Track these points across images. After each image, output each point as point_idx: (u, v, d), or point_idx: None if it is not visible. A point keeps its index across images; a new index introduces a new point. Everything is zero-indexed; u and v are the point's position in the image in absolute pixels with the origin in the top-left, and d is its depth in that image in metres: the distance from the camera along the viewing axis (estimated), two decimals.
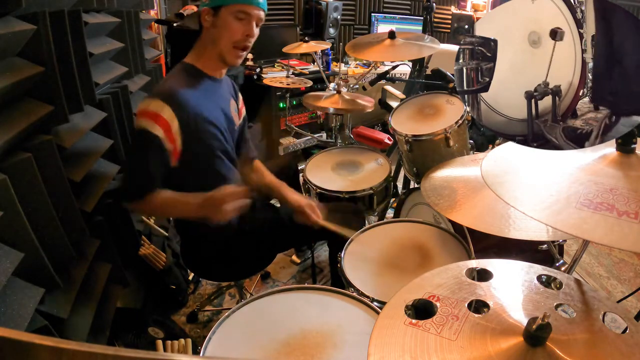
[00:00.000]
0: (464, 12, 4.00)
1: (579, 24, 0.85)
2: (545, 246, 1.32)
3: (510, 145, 0.93)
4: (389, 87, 2.47)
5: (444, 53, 1.97)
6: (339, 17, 3.57)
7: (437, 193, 1.19)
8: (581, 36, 0.85)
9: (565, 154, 0.82)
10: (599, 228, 0.65)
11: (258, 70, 3.17)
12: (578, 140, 0.84)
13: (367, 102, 2.08)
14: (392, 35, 1.87)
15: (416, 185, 1.97)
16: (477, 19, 3.71)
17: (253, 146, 1.64)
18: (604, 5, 0.81)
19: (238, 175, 1.50)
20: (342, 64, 3.71)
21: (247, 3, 1.23)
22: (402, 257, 1.33)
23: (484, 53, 0.99)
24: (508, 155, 0.92)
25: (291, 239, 1.59)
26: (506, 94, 0.97)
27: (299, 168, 2.00)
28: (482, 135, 2.49)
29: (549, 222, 0.69)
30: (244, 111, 1.58)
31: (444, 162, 1.42)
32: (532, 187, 0.80)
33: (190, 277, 2.09)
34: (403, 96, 2.17)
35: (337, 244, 1.40)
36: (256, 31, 1.29)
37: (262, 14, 1.28)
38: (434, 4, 2.70)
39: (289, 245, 1.83)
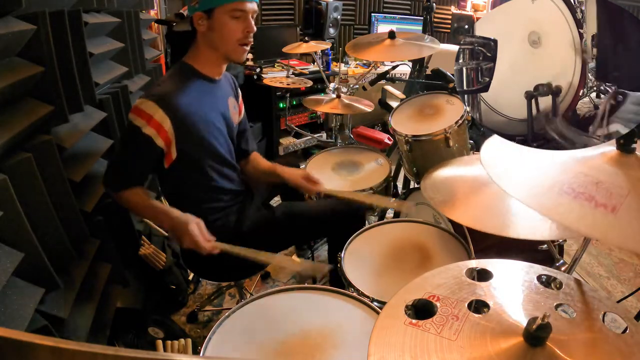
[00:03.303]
0: (464, 12, 4.00)
1: (579, 24, 0.85)
2: (545, 246, 1.32)
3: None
4: (389, 87, 2.47)
5: (444, 53, 1.96)
6: (339, 17, 3.56)
7: (437, 192, 1.19)
8: (581, 36, 0.85)
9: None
10: (572, 213, 0.66)
11: (258, 70, 3.17)
12: (581, 124, 0.84)
13: (367, 107, 2.08)
14: (392, 35, 1.87)
15: (416, 185, 1.97)
16: (477, 19, 3.71)
17: (252, 140, 1.66)
18: (606, 6, 0.81)
19: (238, 172, 1.51)
20: (342, 64, 3.71)
21: (240, 0, 1.22)
22: (402, 257, 1.33)
23: (484, 53, 0.99)
24: (510, 143, 0.92)
25: (290, 237, 1.59)
26: (506, 94, 0.97)
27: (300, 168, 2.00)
28: (482, 135, 2.49)
29: (525, 200, 0.71)
30: (243, 108, 1.59)
31: (445, 162, 1.42)
32: (523, 170, 0.82)
33: (190, 277, 2.09)
34: (403, 96, 2.17)
35: (337, 243, 1.40)
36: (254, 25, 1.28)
37: (255, 6, 1.27)
38: (434, 4, 2.70)
39: (289, 243, 1.83)
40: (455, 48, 1.24)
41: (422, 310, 0.73)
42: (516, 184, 0.77)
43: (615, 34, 0.82)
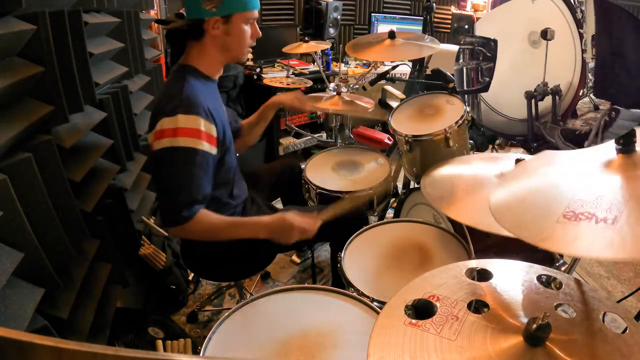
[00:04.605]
0: (464, 12, 4.00)
1: (579, 24, 0.85)
2: None
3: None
4: (389, 87, 2.47)
5: (444, 53, 1.96)
6: (339, 17, 3.57)
7: (436, 189, 1.19)
8: (581, 36, 0.85)
9: (571, 159, 0.82)
10: (568, 236, 0.65)
11: (258, 70, 3.17)
12: (577, 141, 0.84)
13: (367, 104, 2.08)
14: (392, 35, 1.87)
15: (416, 185, 1.97)
16: (477, 19, 3.71)
17: (235, 114, 1.70)
18: (604, 5, 0.81)
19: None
20: (342, 64, 3.71)
21: (255, 8, 1.29)
22: (402, 257, 1.33)
23: (484, 53, 0.99)
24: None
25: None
26: (506, 94, 0.98)
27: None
28: (482, 135, 2.49)
29: (517, 233, 0.70)
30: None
31: (445, 161, 1.41)
32: (522, 200, 0.81)
33: (190, 277, 2.09)
34: (403, 96, 2.17)
35: (339, 243, 1.40)
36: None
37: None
38: (434, 4, 2.70)
39: (293, 245, 1.84)
40: (455, 48, 1.24)
41: (422, 310, 0.73)
42: (510, 216, 0.76)
43: (615, 34, 0.82)
